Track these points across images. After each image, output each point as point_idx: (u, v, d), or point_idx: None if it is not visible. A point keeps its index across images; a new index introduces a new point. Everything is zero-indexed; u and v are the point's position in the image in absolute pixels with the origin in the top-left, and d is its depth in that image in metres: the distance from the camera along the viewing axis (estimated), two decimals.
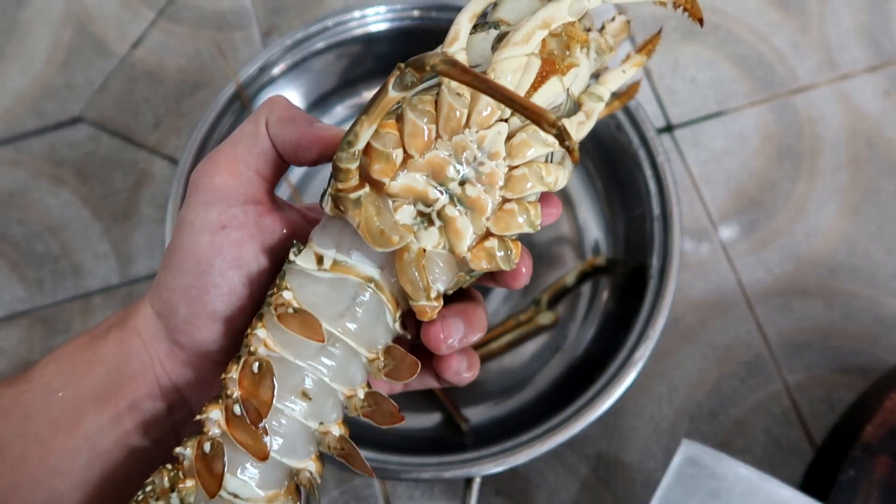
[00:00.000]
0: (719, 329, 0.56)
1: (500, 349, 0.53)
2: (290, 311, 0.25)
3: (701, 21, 0.31)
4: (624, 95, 0.42)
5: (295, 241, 0.27)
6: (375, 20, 0.52)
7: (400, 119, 0.25)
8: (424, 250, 0.26)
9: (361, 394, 0.26)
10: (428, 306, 0.26)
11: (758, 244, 0.58)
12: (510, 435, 0.45)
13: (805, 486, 0.48)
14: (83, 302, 0.58)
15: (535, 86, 0.26)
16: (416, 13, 0.50)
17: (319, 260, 0.26)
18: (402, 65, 0.23)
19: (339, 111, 0.56)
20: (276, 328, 0.25)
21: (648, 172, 0.49)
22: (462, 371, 0.28)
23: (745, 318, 0.56)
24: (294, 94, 0.53)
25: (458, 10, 0.51)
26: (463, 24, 0.27)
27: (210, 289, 0.26)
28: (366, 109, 0.23)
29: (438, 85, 0.26)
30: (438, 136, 0.25)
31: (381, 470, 0.43)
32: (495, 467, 0.43)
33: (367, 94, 0.56)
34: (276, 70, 0.51)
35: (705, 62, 0.63)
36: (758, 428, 0.54)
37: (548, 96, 0.27)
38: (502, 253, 0.26)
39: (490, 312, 0.54)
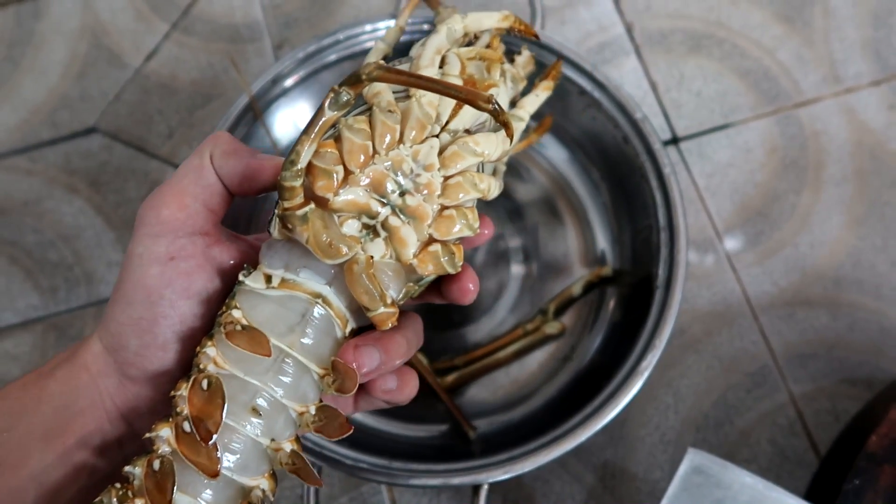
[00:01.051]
0: (725, 340, 0.56)
1: (507, 358, 0.54)
2: (239, 328, 0.26)
3: (536, 36, 0.35)
4: (539, 128, 0.47)
5: (245, 265, 0.28)
6: None
7: (338, 139, 0.26)
8: (372, 258, 0.27)
9: (313, 409, 0.27)
10: (386, 314, 0.27)
11: (763, 256, 0.59)
12: (517, 443, 0.46)
13: (810, 496, 0.48)
14: (96, 309, 0.59)
15: (459, 104, 0.28)
16: (425, 27, 0.51)
17: (268, 279, 0.27)
18: (336, 86, 0.25)
19: None
20: (225, 346, 0.26)
21: (654, 184, 0.50)
22: (391, 390, 0.28)
23: (751, 328, 0.57)
24: (305, 106, 0.54)
25: None
26: (373, 60, 0.29)
27: (160, 320, 0.27)
28: (305, 129, 0.25)
29: (370, 108, 0.27)
30: (376, 152, 0.27)
31: (390, 475, 0.44)
32: (503, 474, 0.43)
33: None
34: (289, 82, 0.52)
35: (711, 75, 0.64)
36: (763, 438, 0.54)
37: (473, 114, 0.29)
38: (447, 257, 0.28)
39: (497, 322, 0.55)
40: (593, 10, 0.67)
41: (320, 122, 0.25)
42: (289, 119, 0.54)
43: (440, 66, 0.30)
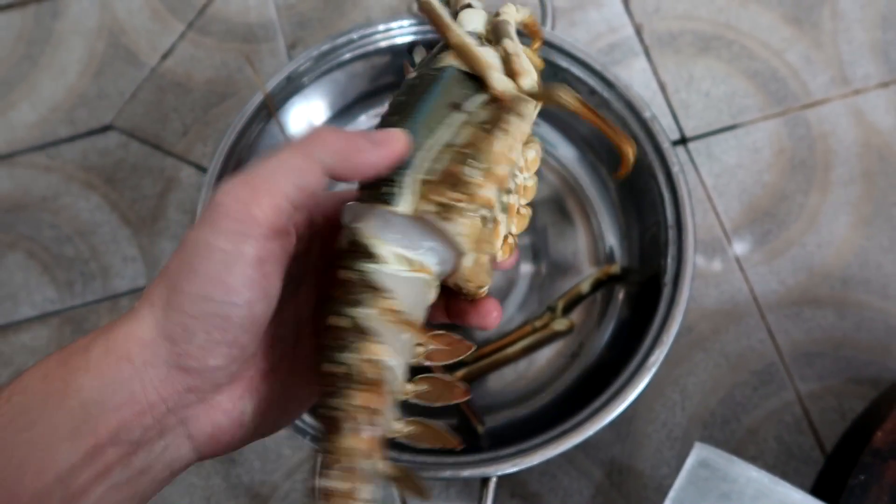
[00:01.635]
0: (732, 338, 0.57)
1: (515, 354, 0.54)
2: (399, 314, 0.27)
3: (544, 40, 0.38)
4: None
5: (367, 238, 0.27)
6: (400, 33, 0.53)
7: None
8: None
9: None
10: (483, 292, 0.30)
11: (770, 255, 0.59)
12: (525, 438, 0.46)
13: (816, 492, 0.48)
14: (111, 303, 0.60)
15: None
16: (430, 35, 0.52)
17: (401, 260, 0.27)
18: (528, 96, 0.28)
19: (363, 120, 0.58)
20: (389, 334, 0.26)
21: (663, 182, 0.50)
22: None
23: (758, 327, 0.57)
24: (320, 103, 0.55)
25: None
26: (473, 42, 0.31)
27: (236, 319, 0.26)
28: (497, 134, 0.28)
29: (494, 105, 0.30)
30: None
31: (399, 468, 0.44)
32: (511, 467, 0.44)
33: None
34: (303, 80, 0.53)
35: (720, 76, 0.65)
36: (770, 436, 0.54)
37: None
38: (512, 248, 0.31)
39: (506, 319, 0.56)
40: (603, 12, 0.67)
41: (516, 129, 0.28)
42: (303, 116, 0.55)
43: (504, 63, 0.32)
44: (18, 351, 0.59)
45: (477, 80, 0.31)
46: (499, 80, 0.30)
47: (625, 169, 0.31)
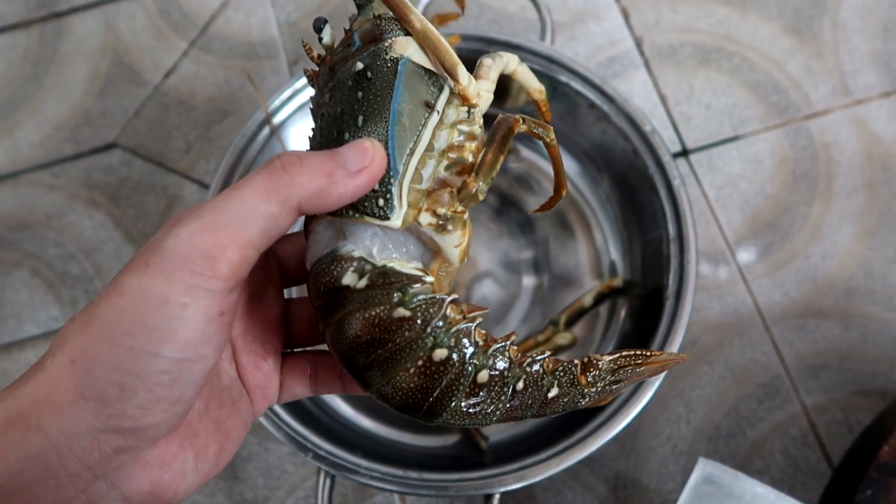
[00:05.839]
0: (736, 350, 0.57)
1: None
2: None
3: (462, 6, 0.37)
4: None
5: (387, 265, 0.26)
6: None
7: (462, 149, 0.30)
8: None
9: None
10: None
11: (774, 267, 0.59)
12: (528, 453, 0.46)
13: None
14: None
15: None
16: None
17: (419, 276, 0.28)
18: (523, 118, 0.28)
19: None
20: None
21: (664, 196, 0.50)
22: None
23: (762, 339, 0.57)
24: None
25: (480, 39, 0.53)
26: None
27: (186, 376, 0.23)
28: (501, 148, 0.28)
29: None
30: None
31: (405, 485, 0.44)
32: (516, 483, 0.44)
33: None
34: (305, 97, 0.53)
35: (720, 88, 0.65)
36: (776, 449, 0.54)
37: None
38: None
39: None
40: (603, 25, 0.68)
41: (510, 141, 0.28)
42: (304, 133, 0.55)
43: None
44: (22, 369, 0.59)
45: (431, 73, 0.29)
46: (465, 76, 0.29)
47: (547, 207, 0.32)
